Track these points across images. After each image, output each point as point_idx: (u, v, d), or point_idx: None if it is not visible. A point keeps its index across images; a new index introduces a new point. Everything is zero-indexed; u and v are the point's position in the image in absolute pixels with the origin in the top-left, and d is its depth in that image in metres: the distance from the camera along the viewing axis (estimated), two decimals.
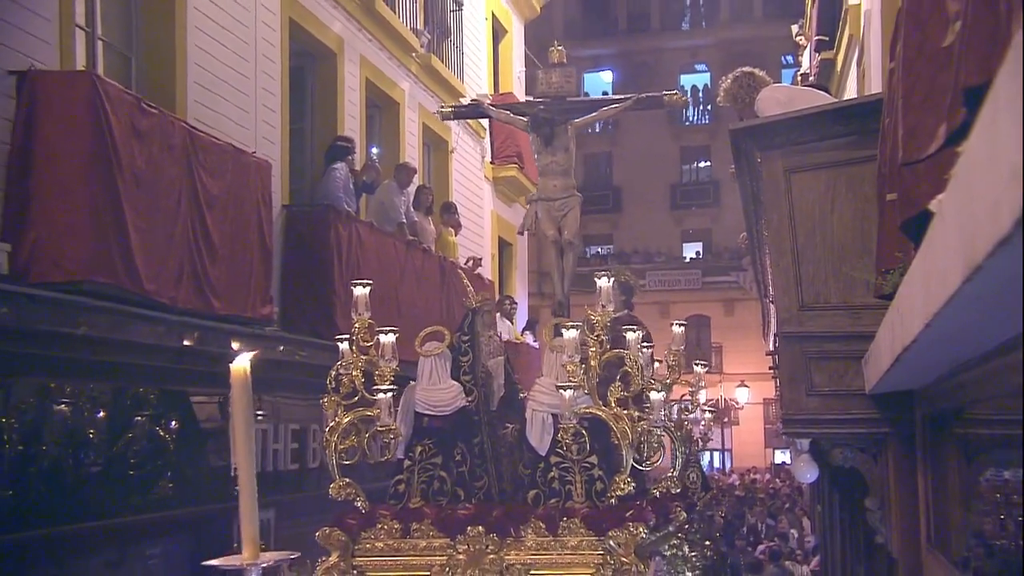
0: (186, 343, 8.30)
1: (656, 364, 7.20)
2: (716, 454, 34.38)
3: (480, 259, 15.38)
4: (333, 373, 5.96)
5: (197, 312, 8.34)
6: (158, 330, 8.03)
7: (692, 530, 8.10)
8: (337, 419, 5.84)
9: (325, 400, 5.92)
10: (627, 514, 5.54)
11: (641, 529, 5.44)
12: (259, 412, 8.67)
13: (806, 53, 18.95)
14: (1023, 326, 2.03)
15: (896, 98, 3.00)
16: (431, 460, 6.06)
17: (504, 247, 18.80)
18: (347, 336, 5.90)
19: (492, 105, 10.57)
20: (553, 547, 5.58)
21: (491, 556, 5.57)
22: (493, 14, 18.24)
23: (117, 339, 7.59)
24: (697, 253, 39.15)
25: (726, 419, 32.46)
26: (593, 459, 5.80)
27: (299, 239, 10.36)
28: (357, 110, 12.76)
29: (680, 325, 7.08)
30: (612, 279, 7.59)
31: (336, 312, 9.63)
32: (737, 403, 32.37)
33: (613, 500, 5.67)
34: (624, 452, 5.68)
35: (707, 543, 8.49)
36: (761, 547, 15.05)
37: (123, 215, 7.31)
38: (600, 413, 5.71)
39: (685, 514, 7.50)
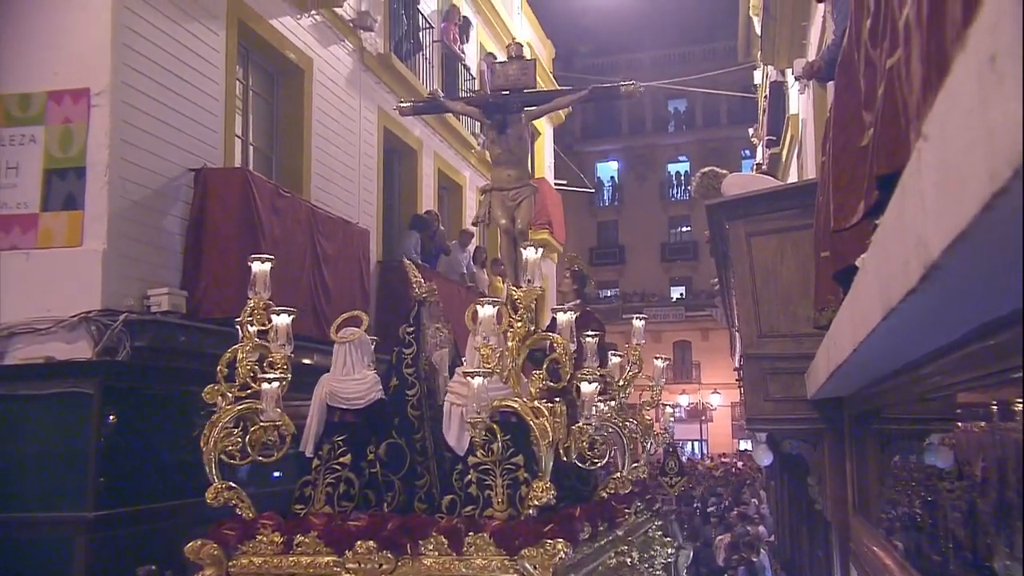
0: (307, 361, 8.36)
1: (616, 359, 5.67)
2: (696, 443, 33.95)
3: None
4: (227, 356, 3.96)
5: (316, 339, 8.40)
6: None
7: (652, 528, 6.15)
8: (219, 412, 3.90)
9: (207, 390, 3.93)
10: (545, 528, 3.65)
11: (561, 546, 3.56)
12: None
13: (759, 149, 18.89)
14: (922, 351, 2.02)
15: (827, 183, 3.00)
16: (338, 460, 4.26)
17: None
18: (241, 319, 4.03)
19: (449, 99, 8.84)
20: (456, 568, 3.65)
21: None
22: (531, 122, 18.33)
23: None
24: (681, 294, 38.86)
25: (703, 417, 32.09)
26: (519, 460, 3.91)
27: (389, 286, 10.40)
28: (431, 191, 12.86)
29: (640, 319, 5.53)
30: (568, 269, 6.24)
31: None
32: (712, 406, 32.01)
33: (531, 511, 3.76)
34: (543, 453, 3.73)
35: (667, 540, 6.41)
36: (733, 512, 14.78)
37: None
38: (515, 405, 3.77)
39: (634, 517, 5.50)
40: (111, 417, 6.29)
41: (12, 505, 6.00)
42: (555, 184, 19.61)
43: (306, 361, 8.30)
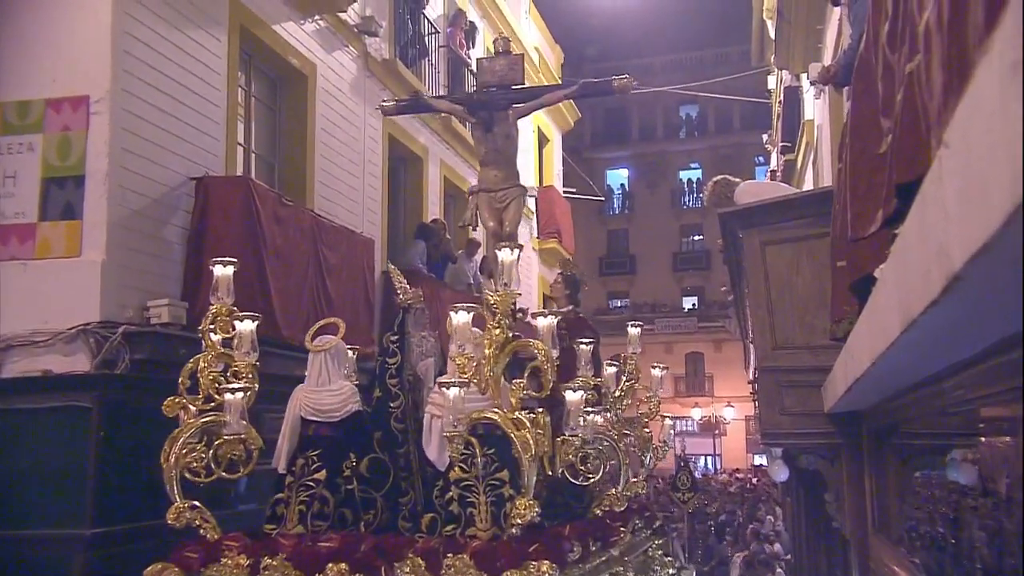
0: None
1: (612, 370, 5.60)
2: (709, 458, 33.82)
3: (527, 309, 15.29)
4: (189, 366, 3.87)
5: None
6: (289, 364, 8.08)
7: (652, 547, 5.89)
8: (182, 426, 3.77)
9: (167, 403, 3.85)
10: (530, 548, 3.52)
11: (546, 568, 3.43)
12: None
13: (774, 155, 18.88)
14: (943, 364, 2.01)
15: (844, 190, 2.99)
16: (312, 476, 4.09)
17: (547, 301, 18.78)
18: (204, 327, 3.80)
19: (432, 97, 8.70)
20: None
21: None
22: (539, 128, 18.39)
23: (261, 372, 7.66)
24: (694, 304, 38.82)
25: (717, 431, 31.97)
26: (503, 475, 3.78)
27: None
28: (437, 199, 12.89)
29: (635, 326, 5.45)
30: (560, 273, 6.37)
31: None
32: (725, 419, 31.89)
33: (514, 529, 3.62)
34: (525, 467, 3.62)
35: (668, 560, 6.18)
36: (748, 529, 14.71)
37: (267, 280, 7.41)
38: (494, 417, 3.67)
39: (631, 535, 5.25)
40: (103, 432, 6.29)
41: (8, 522, 6.00)
42: (564, 192, 19.64)
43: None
